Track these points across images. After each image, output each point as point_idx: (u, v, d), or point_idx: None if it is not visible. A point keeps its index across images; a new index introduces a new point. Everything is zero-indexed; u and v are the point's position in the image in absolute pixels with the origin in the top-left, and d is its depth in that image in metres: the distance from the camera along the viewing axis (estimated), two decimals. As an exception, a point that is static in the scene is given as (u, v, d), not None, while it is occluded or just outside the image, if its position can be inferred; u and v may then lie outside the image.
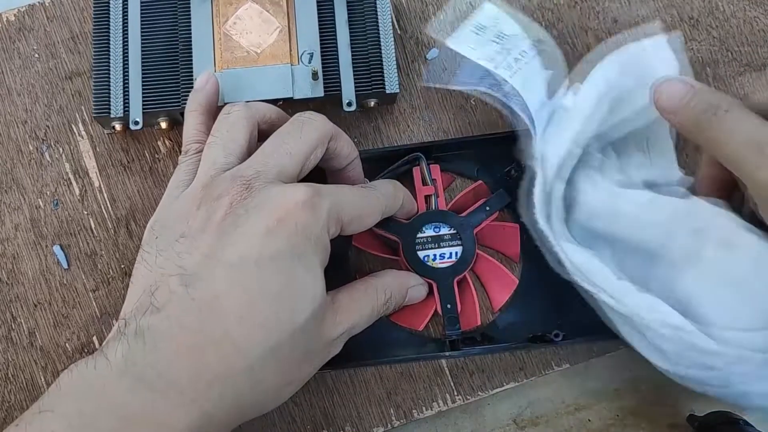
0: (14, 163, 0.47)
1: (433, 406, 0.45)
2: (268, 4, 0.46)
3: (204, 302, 0.33)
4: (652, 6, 0.50)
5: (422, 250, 0.44)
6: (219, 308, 0.33)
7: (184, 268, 0.34)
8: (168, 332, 0.32)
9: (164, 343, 0.32)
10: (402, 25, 0.50)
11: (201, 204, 0.35)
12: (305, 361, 0.36)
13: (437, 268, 0.43)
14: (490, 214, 0.44)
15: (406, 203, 0.42)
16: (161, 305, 0.33)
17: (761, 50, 0.49)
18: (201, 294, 0.33)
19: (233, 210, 0.34)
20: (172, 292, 0.33)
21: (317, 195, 0.35)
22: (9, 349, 0.45)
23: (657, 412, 0.46)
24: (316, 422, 0.45)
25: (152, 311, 0.33)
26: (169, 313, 0.33)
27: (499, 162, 0.46)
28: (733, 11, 0.50)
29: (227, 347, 0.32)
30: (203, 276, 0.33)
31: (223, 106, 0.41)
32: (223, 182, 0.36)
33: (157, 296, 0.33)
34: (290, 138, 0.38)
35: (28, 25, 0.49)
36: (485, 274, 0.45)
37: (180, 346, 0.32)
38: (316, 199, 0.35)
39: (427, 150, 0.45)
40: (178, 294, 0.33)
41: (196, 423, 0.32)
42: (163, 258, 0.35)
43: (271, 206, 0.34)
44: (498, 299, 0.45)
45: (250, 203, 0.34)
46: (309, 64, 0.45)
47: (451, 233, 0.44)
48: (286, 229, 0.34)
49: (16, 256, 0.46)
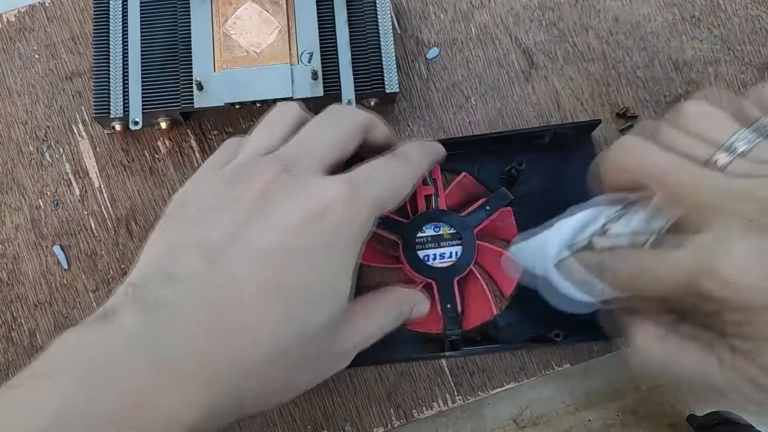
0: (15, 164, 0.47)
1: (433, 406, 0.45)
2: (267, 4, 0.46)
3: (225, 283, 0.31)
4: (653, 4, 0.50)
5: (422, 250, 0.43)
6: (239, 293, 0.30)
7: (208, 241, 0.31)
8: (184, 307, 0.30)
9: (179, 319, 0.30)
10: (402, 24, 0.50)
11: (233, 181, 0.34)
12: (314, 365, 0.34)
13: (437, 267, 0.43)
14: (490, 214, 0.44)
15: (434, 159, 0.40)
16: (179, 276, 0.31)
17: (763, 49, 0.49)
18: (223, 273, 0.31)
19: (268, 193, 0.32)
20: (193, 264, 0.31)
21: (357, 186, 0.33)
22: (9, 349, 0.46)
23: (657, 412, 0.45)
24: (316, 422, 0.45)
25: (170, 281, 0.31)
26: (188, 286, 0.30)
27: (500, 161, 0.46)
28: (735, 10, 0.50)
29: (242, 337, 0.30)
30: (227, 255, 0.31)
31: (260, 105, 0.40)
32: (260, 163, 0.34)
33: (176, 266, 0.31)
34: (329, 127, 0.36)
35: (28, 26, 0.49)
36: (491, 264, 0.45)
37: (195, 326, 0.30)
38: (357, 190, 0.33)
39: None
40: (198, 268, 0.31)
41: (199, 414, 0.30)
42: (186, 228, 0.33)
43: (311, 197, 0.32)
44: (508, 286, 0.45)
45: (288, 191, 0.32)
46: (308, 63, 0.45)
47: (451, 233, 0.44)
48: (322, 224, 0.32)
49: (17, 256, 0.46)
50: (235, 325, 0.30)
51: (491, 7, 0.50)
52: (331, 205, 0.32)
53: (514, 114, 0.48)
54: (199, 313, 0.30)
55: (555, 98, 0.48)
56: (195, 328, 0.30)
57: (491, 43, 0.49)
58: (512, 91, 0.49)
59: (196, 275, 0.31)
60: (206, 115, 0.48)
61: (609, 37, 0.49)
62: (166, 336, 0.30)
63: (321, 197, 0.32)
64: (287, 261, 0.31)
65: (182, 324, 0.30)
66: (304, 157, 0.34)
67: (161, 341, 0.29)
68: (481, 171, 0.46)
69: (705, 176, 0.31)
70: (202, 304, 0.30)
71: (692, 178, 0.31)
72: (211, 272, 0.31)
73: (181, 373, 0.29)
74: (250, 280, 0.31)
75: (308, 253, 0.31)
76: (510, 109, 0.48)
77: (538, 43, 0.49)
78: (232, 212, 0.32)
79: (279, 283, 0.31)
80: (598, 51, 0.49)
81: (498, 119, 0.48)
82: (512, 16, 0.49)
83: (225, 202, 0.33)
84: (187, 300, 0.30)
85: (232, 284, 0.31)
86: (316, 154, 0.34)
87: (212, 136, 0.48)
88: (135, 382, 0.29)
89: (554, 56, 0.49)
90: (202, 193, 0.34)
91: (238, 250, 0.31)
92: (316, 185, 0.33)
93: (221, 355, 0.30)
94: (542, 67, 0.49)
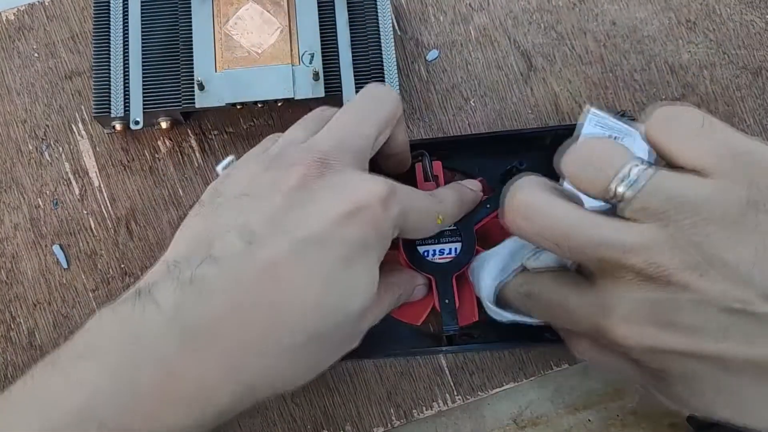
0: (14, 163, 0.47)
1: (433, 405, 0.45)
2: (268, 5, 0.46)
3: (263, 267, 0.31)
4: (650, 8, 0.50)
5: (422, 245, 0.44)
6: (277, 278, 0.31)
7: (246, 225, 0.32)
8: (224, 286, 0.30)
9: (219, 298, 0.30)
10: (402, 26, 0.50)
11: (270, 167, 0.34)
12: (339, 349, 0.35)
13: (436, 263, 0.43)
14: (490, 212, 0.44)
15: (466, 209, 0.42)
16: (219, 256, 0.31)
17: (757, 53, 0.50)
18: (262, 257, 0.31)
19: (307, 183, 0.33)
20: (232, 245, 0.31)
21: (394, 194, 0.33)
22: (8, 349, 0.45)
23: (657, 412, 0.46)
24: (316, 422, 0.45)
25: (209, 261, 0.31)
26: (227, 267, 0.31)
27: (501, 160, 0.46)
28: (730, 14, 0.50)
29: (278, 320, 0.31)
30: (266, 238, 0.31)
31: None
32: (298, 152, 0.34)
33: (215, 246, 0.31)
34: (365, 115, 0.36)
35: (27, 25, 0.49)
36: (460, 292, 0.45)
37: (231, 306, 0.30)
38: (392, 198, 0.33)
39: (431, 147, 0.45)
40: (238, 248, 0.31)
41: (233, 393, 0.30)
42: (224, 211, 0.33)
43: (350, 193, 0.32)
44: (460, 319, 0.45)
45: (327, 182, 0.33)
46: (310, 64, 0.46)
47: (451, 229, 0.44)
48: (360, 219, 0.32)
49: (16, 255, 0.46)
50: (272, 307, 0.31)
51: (490, 9, 0.50)
52: (370, 201, 0.32)
53: (513, 116, 0.49)
54: (238, 290, 0.30)
55: (553, 100, 0.49)
56: (231, 308, 0.30)
57: (490, 45, 0.50)
58: (511, 93, 0.49)
59: (235, 256, 0.31)
60: (207, 115, 0.48)
61: (606, 40, 0.50)
62: (202, 314, 0.30)
63: (361, 193, 0.33)
64: (325, 251, 0.31)
65: (219, 303, 0.30)
66: (340, 148, 0.34)
67: (198, 319, 0.30)
68: (482, 169, 0.47)
69: (597, 234, 0.32)
70: (240, 284, 0.30)
71: (585, 239, 0.32)
72: (250, 254, 0.31)
73: (215, 351, 0.30)
74: (289, 266, 0.31)
75: (346, 245, 0.32)
76: (509, 111, 0.49)
77: (537, 46, 0.50)
78: (270, 199, 0.32)
79: (317, 271, 0.31)
80: (595, 54, 0.50)
81: (497, 121, 0.49)
82: (511, 19, 0.50)
83: (262, 189, 0.33)
84: (225, 279, 0.30)
85: (272, 267, 0.31)
86: (352, 146, 0.35)
87: (212, 136, 0.48)
88: (172, 359, 0.29)
89: (552, 59, 0.49)
90: (239, 180, 0.35)
91: (277, 235, 0.31)
92: (357, 182, 0.33)
93: (259, 335, 0.30)
94: (541, 69, 0.49)
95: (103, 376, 0.29)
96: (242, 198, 0.33)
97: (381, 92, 0.38)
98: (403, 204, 0.34)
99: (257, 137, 0.48)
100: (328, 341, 0.33)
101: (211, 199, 0.34)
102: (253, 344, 0.30)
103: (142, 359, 0.29)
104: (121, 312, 0.30)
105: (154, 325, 0.30)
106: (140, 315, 0.30)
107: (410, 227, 0.36)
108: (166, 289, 0.30)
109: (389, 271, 0.40)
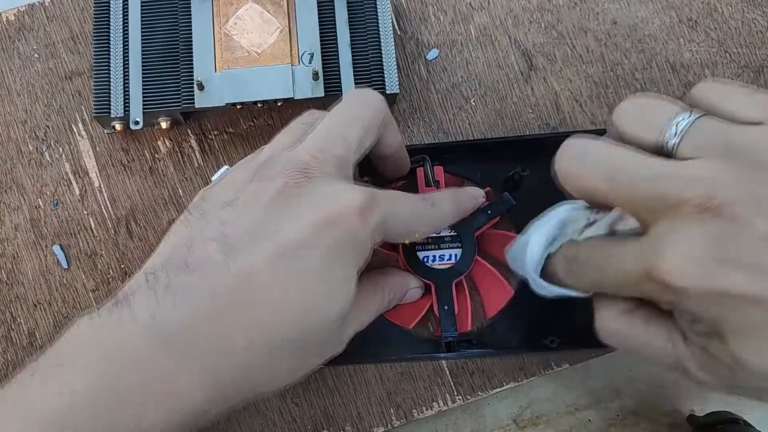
0: (14, 163, 0.47)
1: (433, 406, 0.45)
2: (268, 5, 0.46)
3: (239, 275, 0.32)
4: (651, 7, 0.50)
5: (422, 251, 0.43)
6: (253, 285, 0.32)
7: (226, 235, 0.33)
8: (199, 294, 0.31)
9: (193, 305, 0.31)
10: (402, 25, 0.50)
11: (253, 179, 0.35)
12: (320, 352, 0.35)
13: (436, 269, 0.43)
14: (491, 218, 0.44)
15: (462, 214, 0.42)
16: (196, 266, 0.32)
17: (759, 51, 0.50)
18: (238, 266, 0.32)
19: (285, 193, 0.33)
20: (210, 256, 0.32)
21: (373, 203, 0.34)
22: (9, 349, 0.45)
23: (657, 412, 0.46)
24: (316, 422, 0.45)
25: (186, 270, 0.32)
26: (203, 275, 0.32)
27: (503, 165, 0.46)
28: (732, 13, 0.50)
29: (253, 326, 0.32)
30: (243, 249, 0.32)
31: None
32: (280, 162, 0.35)
33: (193, 256, 0.32)
34: (348, 121, 0.37)
35: (27, 25, 0.49)
36: (482, 280, 0.45)
37: (208, 312, 0.31)
38: (372, 207, 0.34)
39: (433, 151, 0.45)
40: (215, 259, 0.32)
41: (210, 395, 0.31)
42: (206, 221, 0.34)
43: (326, 203, 0.33)
44: (492, 308, 0.45)
45: (304, 192, 0.34)
46: (309, 64, 0.45)
47: (451, 235, 0.44)
48: (334, 228, 0.33)
49: (16, 256, 0.46)
50: (247, 314, 0.32)
51: (491, 9, 0.50)
52: (344, 212, 0.33)
53: (514, 115, 0.49)
54: (213, 299, 0.31)
55: (554, 100, 0.49)
56: (209, 313, 0.31)
57: (491, 44, 0.50)
58: (511, 92, 0.49)
59: (214, 265, 0.32)
60: (207, 115, 0.48)
61: (607, 39, 0.50)
62: (180, 319, 0.31)
63: (336, 203, 0.33)
64: (300, 258, 0.32)
65: (196, 307, 0.31)
66: (322, 156, 0.35)
67: (176, 324, 0.31)
68: (484, 175, 0.46)
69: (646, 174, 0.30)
70: (217, 290, 0.31)
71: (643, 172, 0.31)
72: (227, 263, 0.32)
73: (192, 354, 0.31)
74: (264, 274, 0.32)
75: (320, 253, 0.32)
76: (509, 111, 0.49)
77: (537, 45, 0.49)
78: (250, 210, 0.33)
79: (292, 278, 0.32)
80: (596, 53, 0.49)
81: (497, 120, 0.48)
82: (511, 18, 0.50)
83: (245, 200, 0.34)
84: (204, 286, 0.31)
85: (248, 276, 0.32)
86: (334, 153, 0.35)
87: (212, 136, 0.48)
88: (149, 364, 0.30)
89: (553, 58, 0.49)
90: (224, 189, 0.35)
91: (255, 244, 0.32)
92: (333, 192, 0.34)
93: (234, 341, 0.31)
94: (541, 68, 0.49)
95: (81, 383, 0.30)
96: (225, 208, 0.34)
97: (363, 97, 0.38)
98: (385, 211, 0.35)
99: (257, 137, 0.48)
100: (306, 344, 0.33)
101: (196, 207, 0.35)
102: (228, 346, 0.31)
103: (119, 365, 0.30)
104: (98, 321, 0.31)
105: (131, 333, 0.31)
106: (117, 323, 0.31)
107: (396, 232, 0.36)
108: (142, 299, 0.31)
109: (379, 274, 0.41)
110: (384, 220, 0.34)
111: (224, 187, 0.35)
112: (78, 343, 0.31)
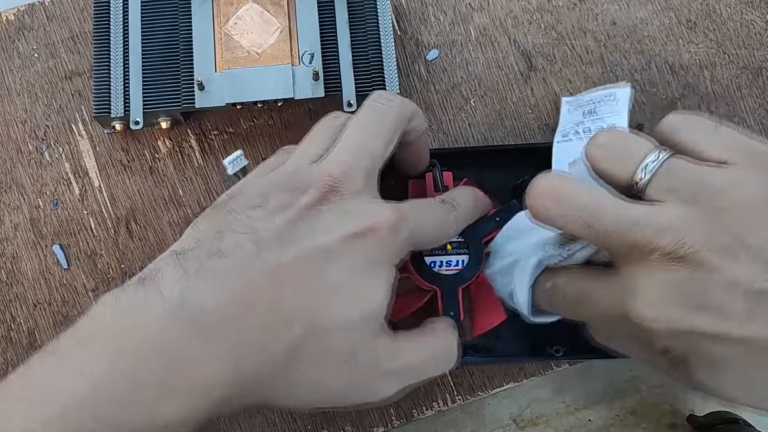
0: (14, 163, 0.47)
1: (433, 406, 0.45)
2: (269, 5, 0.46)
3: (269, 266, 0.31)
4: (650, 9, 0.50)
5: (429, 256, 0.43)
6: (281, 279, 0.32)
7: (256, 232, 0.32)
8: (231, 279, 0.31)
9: (226, 289, 0.31)
10: (402, 26, 0.50)
11: (284, 188, 0.35)
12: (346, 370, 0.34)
13: (443, 274, 0.43)
14: (499, 225, 0.43)
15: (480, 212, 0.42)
16: (228, 252, 0.31)
17: (758, 53, 0.50)
18: (268, 258, 0.32)
19: (316, 206, 0.34)
20: (241, 245, 0.32)
21: (403, 219, 0.34)
22: (9, 349, 0.45)
23: (657, 412, 0.46)
24: (316, 422, 0.45)
25: (218, 255, 0.31)
26: (235, 262, 0.31)
27: (512, 173, 0.45)
28: (731, 14, 0.50)
29: (279, 318, 0.31)
30: (273, 246, 0.32)
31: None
32: (312, 175, 0.35)
33: (225, 243, 0.32)
34: (375, 132, 0.37)
35: (27, 25, 0.49)
36: (478, 295, 0.44)
37: (238, 298, 0.31)
38: (401, 223, 0.34)
39: (441, 157, 0.45)
40: (247, 249, 0.32)
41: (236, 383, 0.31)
42: (234, 217, 0.33)
43: (359, 218, 0.34)
44: (479, 327, 0.43)
45: (334, 208, 0.34)
46: (310, 64, 0.46)
47: (459, 241, 0.43)
48: (366, 241, 0.33)
49: (16, 255, 0.46)
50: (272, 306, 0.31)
51: (490, 9, 0.50)
52: (376, 227, 0.33)
53: (513, 116, 0.49)
54: (242, 288, 0.31)
55: (553, 100, 0.49)
56: (236, 301, 0.31)
57: (490, 45, 0.50)
58: (511, 93, 0.49)
59: (245, 255, 0.31)
60: (207, 115, 0.48)
61: (607, 40, 0.50)
62: (208, 304, 0.30)
63: (369, 219, 0.34)
64: (329, 260, 0.32)
65: (225, 294, 0.31)
66: (351, 171, 0.35)
67: (203, 309, 0.30)
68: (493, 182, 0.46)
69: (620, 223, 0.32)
70: (245, 280, 0.31)
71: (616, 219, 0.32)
72: (257, 256, 0.31)
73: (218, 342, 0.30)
74: (292, 270, 0.32)
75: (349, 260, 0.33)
76: (509, 111, 0.49)
77: (537, 46, 0.50)
78: (280, 214, 0.33)
79: (320, 280, 0.32)
80: (596, 54, 0.50)
81: (497, 121, 0.49)
82: (511, 19, 0.50)
83: (273, 204, 0.34)
84: (235, 274, 0.31)
85: (276, 270, 0.31)
86: (362, 167, 0.35)
87: (213, 136, 0.48)
88: (173, 348, 0.30)
89: (553, 59, 0.49)
90: (252, 192, 0.35)
91: (285, 244, 0.32)
92: (365, 209, 0.34)
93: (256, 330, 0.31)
94: (541, 69, 0.49)
95: (103, 364, 0.29)
96: (256, 209, 0.34)
97: (384, 102, 0.38)
98: (413, 225, 0.35)
99: (257, 137, 0.48)
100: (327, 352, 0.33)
101: (223, 204, 0.35)
102: (254, 338, 0.31)
103: (143, 348, 0.29)
104: (123, 299, 0.30)
105: (157, 314, 0.30)
106: (143, 303, 0.30)
107: (424, 242, 0.37)
108: (171, 278, 0.31)
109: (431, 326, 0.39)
110: (412, 235, 0.35)
111: (252, 192, 0.35)
112: (101, 323, 0.30)
